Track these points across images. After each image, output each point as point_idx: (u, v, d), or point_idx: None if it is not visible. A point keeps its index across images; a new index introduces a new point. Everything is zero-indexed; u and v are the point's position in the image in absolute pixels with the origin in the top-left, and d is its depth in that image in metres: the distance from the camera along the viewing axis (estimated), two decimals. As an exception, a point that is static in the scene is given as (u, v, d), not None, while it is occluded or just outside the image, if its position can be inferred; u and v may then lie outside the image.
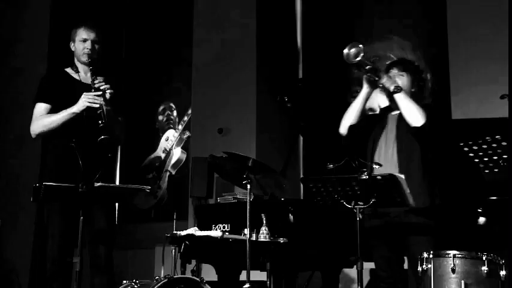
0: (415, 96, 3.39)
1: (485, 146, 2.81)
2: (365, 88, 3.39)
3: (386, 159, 3.32)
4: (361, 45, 3.22)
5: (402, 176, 3.03)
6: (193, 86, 6.46)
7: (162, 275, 3.19)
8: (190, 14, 6.60)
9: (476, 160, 2.88)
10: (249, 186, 3.48)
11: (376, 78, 3.30)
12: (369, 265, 3.48)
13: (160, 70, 7.01)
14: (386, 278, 3.31)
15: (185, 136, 6.66)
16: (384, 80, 3.29)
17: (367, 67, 3.27)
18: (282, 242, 3.56)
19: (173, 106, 6.91)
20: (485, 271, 2.79)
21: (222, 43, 6.30)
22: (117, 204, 4.69)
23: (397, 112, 3.36)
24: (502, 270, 2.83)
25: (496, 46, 5.15)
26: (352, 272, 3.35)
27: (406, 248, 3.26)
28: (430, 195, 3.26)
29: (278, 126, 6.14)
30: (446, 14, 5.54)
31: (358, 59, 3.21)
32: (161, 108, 6.98)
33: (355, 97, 3.50)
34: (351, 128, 3.40)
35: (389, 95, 3.34)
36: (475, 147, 2.84)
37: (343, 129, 3.43)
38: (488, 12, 5.25)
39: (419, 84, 3.45)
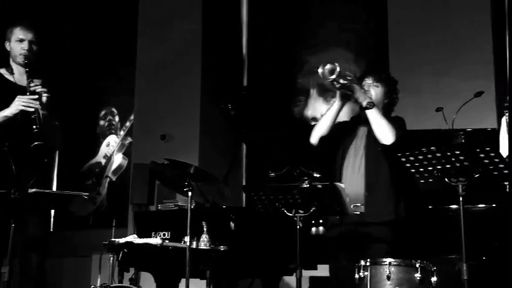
0: (387, 107, 3.43)
1: (421, 157, 2.88)
2: (338, 102, 3.38)
3: (353, 169, 3.35)
4: (336, 63, 3.23)
5: (342, 185, 3.08)
6: (137, 91, 6.38)
7: (98, 284, 3.11)
8: (135, 19, 6.51)
9: (413, 170, 2.94)
10: (190, 193, 3.44)
11: (350, 93, 3.31)
12: (308, 273, 3.51)
13: (103, 74, 6.87)
14: (339, 286, 3.33)
15: (127, 142, 6.55)
16: (357, 95, 3.28)
17: (343, 82, 3.29)
18: (222, 249, 3.54)
19: (115, 111, 6.79)
20: (418, 278, 2.87)
21: (166, 49, 6.26)
22: (53, 210, 4.55)
23: (368, 123, 3.36)
24: (433, 276, 2.93)
25: (433, 60, 5.34)
26: (292, 279, 3.36)
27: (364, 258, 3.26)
28: (395, 207, 3.29)
29: (222, 134, 6.14)
30: (387, 27, 5.71)
31: (334, 76, 3.23)
32: (103, 113, 6.84)
33: (298, 106, 3.52)
34: (322, 139, 3.41)
35: (361, 108, 3.35)
36: (411, 158, 2.90)
37: (314, 139, 3.43)
38: (428, 27, 5.44)
39: (392, 96, 3.45)
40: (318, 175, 3.26)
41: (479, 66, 5.13)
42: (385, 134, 3.22)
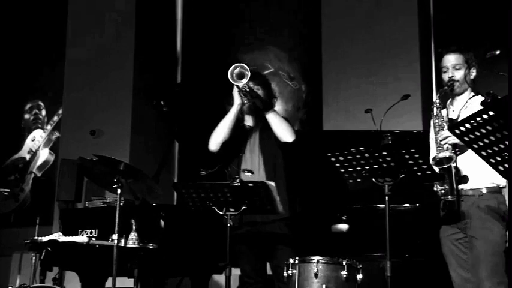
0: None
1: (350, 157, 2.94)
2: (236, 106, 3.44)
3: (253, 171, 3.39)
4: (245, 67, 3.25)
5: (273, 184, 3.11)
6: (66, 85, 6.19)
7: (17, 285, 2.99)
8: (65, 11, 6.31)
9: (342, 170, 3.01)
10: (119, 190, 3.38)
11: (250, 98, 3.36)
12: (237, 271, 3.52)
13: (29, 67, 6.61)
14: (252, 284, 3.36)
15: (54, 137, 6.34)
16: (258, 101, 3.37)
17: (247, 89, 3.31)
18: (151, 247, 3.50)
19: (42, 105, 6.55)
20: (344, 275, 2.95)
21: (99, 43, 6.10)
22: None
23: (259, 126, 3.45)
24: (359, 274, 3.01)
25: (364, 62, 5.48)
26: (222, 278, 3.36)
27: (272, 255, 3.34)
28: (292, 204, 3.39)
29: (154, 131, 6.04)
30: (321, 29, 5.81)
31: (244, 81, 3.24)
32: (28, 106, 6.59)
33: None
34: (223, 144, 3.41)
35: (256, 112, 3.40)
36: (341, 158, 2.96)
37: (214, 146, 3.44)
38: (360, 30, 5.57)
39: (271, 95, 3.55)
40: (249, 174, 3.28)
41: (406, 69, 5.31)
42: (286, 133, 3.35)
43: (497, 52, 3.06)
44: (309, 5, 6.06)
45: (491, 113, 2.36)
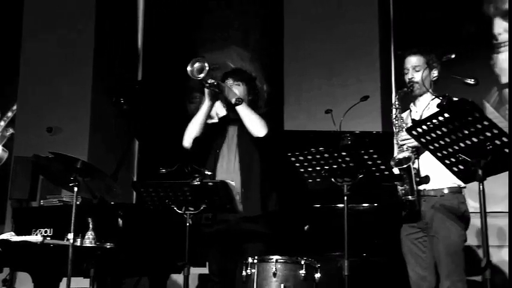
0: (252, 104, 3.49)
1: (310, 157, 2.96)
2: (207, 101, 3.40)
3: (228, 169, 3.37)
4: (205, 62, 3.23)
5: (233, 183, 3.10)
6: (21, 80, 6.02)
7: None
8: (21, 5, 6.15)
9: (302, 170, 3.02)
10: (76, 189, 3.31)
11: (218, 91, 3.33)
12: (196, 270, 3.50)
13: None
14: (217, 283, 3.34)
15: (8, 133, 6.18)
16: (226, 93, 3.33)
17: (211, 82, 3.29)
18: (108, 247, 3.44)
19: (-5, 100, 6.38)
20: (303, 274, 2.97)
21: (56, 38, 5.96)
22: None
23: (237, 123, 3.42)
24: (317, 273, 3.04)
25: (325, 63, 5.54)
26: (180, 277, 3.34)
27: (242, 254, 3.31)
28: (265, 203, 3.35)
29: (113, 128, 5.95)
30: (283, 29, 5.83)
31: (203, 75, 3.22)
32: (-20, 102, 6.40)
33: (194, 103, 3.50)
34: (196, 140, 3.38)
35: (230, 106, 3.39)
36: (301, 158, 2.98)
37: (187, 142, 3.41)
38: (321, 31, 5.62)
39: (254, 92, 3.54)
40: (209, 173, 3.26)
41: (367, 71, 5.39)
42: (257, 126, 3.32)
43: (453, 56, 3.13)
44: (272, 5, 6.08)
45: (446, 115, 2.41)
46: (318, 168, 3.00)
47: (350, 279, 2.86)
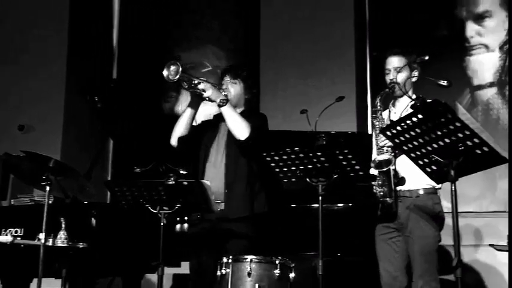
0: (248, 103, 3.46)
1: (285, 157, 2.97)
2: (192, 103, 3.37)
3: (215, 166, 3.35)
4: (178, 63, 3.19)
5: (208, 182, 3.08)
6: (-7, 77, 5.92)
7: None
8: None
9: (277, 170, 3.03)
10: (48, 188, 3.26)
11: (202, 92, 3.30)
12: (171, 270, 3.48)
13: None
14: (199, 282, 3.32)
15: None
16: (209, 93, 3.29)
17: (191, 82, 3.26)
18: (81, 247, 3.40)
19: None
20: (277, 274, 2.96)
21: (29, 34, 5.87)
22: None
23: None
24: (292, 273, 3.04)
25: (300, 63, 5.56)
26: (155, 277, 3.32)
27: (224, 254, 3.28)
28: (253, 203, 3.33)
29: (87, 127, 5.88)
30: (259, 28, 5.84)
31: (178, 76, 3.18)
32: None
33: (169, 102, 3.48)
34: (181, 139, 3.36)
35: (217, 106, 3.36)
36: (276, 158, 2.98)
37: (173, 141, 3.39)
38: (297, 32, 5.65)
39: (251, 91, 3.50)
40: (184, 172, 3.24)
41: (342, 71, 5.43)
42: (239, 129, 3.26)
43: (426, 58, 3.16)
44: (248, 5, 6.08)
45: (420, 116, 2.44)
46: (293, 168, 3.00)
47: (324, 279, 2.87)
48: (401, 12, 5.52)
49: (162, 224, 3.07)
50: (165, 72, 3.19)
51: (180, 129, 3.38)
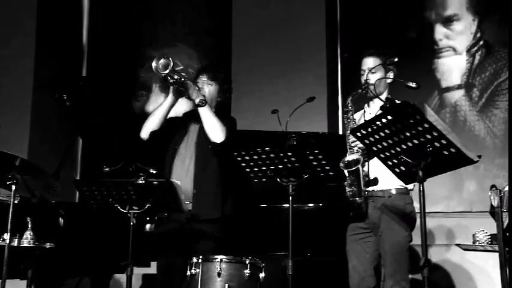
0: (220, 105, 3.45)
1: (256, 157, 2.97)
2: (170, 97, 3.35)
3: (183, 166, 3.34)
4: (170, 58, 3.18)
5: (178, 182, 3.06)
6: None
7: None
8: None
9: (248, 170, 3.02)
10: (14, 187, 3.20)
11: (183, 89, 3.28)
12: (140, 270, 3.45)
13: None
14: (167, 282, 3.30)
15: None
16: (191, 92, 3.28)
17: (177, 78, 3.24)
18: (48, 247, 3.34)
19: None
20: (247, 274, 2.96)
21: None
22: None
23: (200, 121, 3.36)
24: (262, 273, 3.04)
25: (272, 64, 5.57)
26: (123, 277, 3.28)
27: (191, 255, 3.26)
28: (222, 204, 3.33)
29: (55, 125, 5.78)
30: (231, 29, 5.83)
31: (167, 71, 3.17)
32: None
33: (139, 100, 3.44)
34: (153, 133, 3.33)
35: (195, 105, 3.34)
36: (247, 158, 2.98)
37: (145, 134, 3.36)
38: (269, 32, 5.66)
39: (225, 95, 3.49)
40: (154, 171, 3.22)
41: (313, 72, 5.46)
42: (215, 132, 3.27)
43: (396, 59, 3.20)
44: (220, 4, 6.06)
45: (389, 117, 2.47)
46: (263, 168, 3.01)
47: (294, 279, 2.88)
48: (372, 14, 5.57)
49: (131, 223, 3.04)
50: (153, 64, 3.17)
51: (152, 123, 3.35)
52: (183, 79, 3.29)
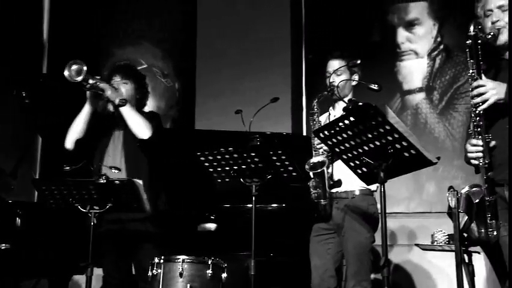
0: (139, 102, 3.44)
1: (219, 157, 2.96)
2: (87, 105, 3.33)
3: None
4: (81, 62, 3.14)
5: (140, 182, 3.03)
6: None
7: None
8: None
9: (211, 170, 3.01)
10: (-31, 186, 3.11)
11: (101, 92, 3.24)
12: (100, 271, 3.40)
13: None
14: (115, 283, 3.26)
15: None
16: (109, 93, 3.25)
17: (92, 82, 3.20)
18: (4, 248, 3.26)
19: None
20: (210, 274, 2.96)
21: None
22: None
23: (124, 122, 3.34)
24: (224, 273, 3.03)
25: (237, 64, 5.57)
26: (83, 278, 3.23)
27: (135, 254, 3.26)
28: (155, 202, 3.32)
29: (13, 123, 5.64)
30: (196, 28, 5.80)
31: (82, 77, 3.13)
32: None
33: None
34: (78, 142, 3.29)
35: (116, 106, 3.31)
36: (210, 157, 2.97)
37: (69, 144, 3.33)
38: (234, 32, 5.65)
39: (143, 91, 3.48)
40: (116, 171, 3.18)
41: (278, 73, 5.48)
42: (141, 129, 3.26)
43: (358, 61, 3.24)
44: (185, 3, 6.02)
45: (351, 118, 2.49)
46: (227, 168, 3.00)
47: (256, 279, 2.88)
48: (337, 17, 5.63)
49: (92, 223, 2.99)
50: (66, 72, 3.13)
51: (75, 132, 3.33)
52: (98, 82, 3.26)
